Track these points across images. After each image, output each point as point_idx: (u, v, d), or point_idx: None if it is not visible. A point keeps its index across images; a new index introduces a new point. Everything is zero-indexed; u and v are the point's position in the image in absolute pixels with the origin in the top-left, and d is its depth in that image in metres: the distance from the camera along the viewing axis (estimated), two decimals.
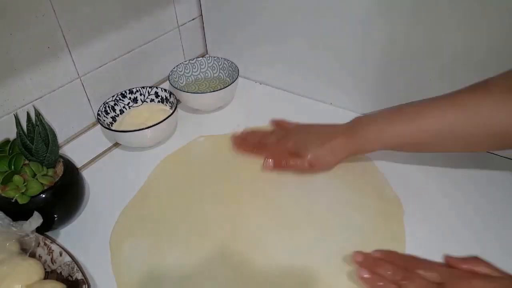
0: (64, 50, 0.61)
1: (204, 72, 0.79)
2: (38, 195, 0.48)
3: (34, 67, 0.58)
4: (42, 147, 0.49)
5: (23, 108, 0.58)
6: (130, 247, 0.51)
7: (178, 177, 0.60)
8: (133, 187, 0.59)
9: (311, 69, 0.71)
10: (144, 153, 0.65)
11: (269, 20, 0.70)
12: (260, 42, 0.75)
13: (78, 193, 0.54)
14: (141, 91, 0.70)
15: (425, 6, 0.53)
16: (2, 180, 0.47)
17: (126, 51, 0.71)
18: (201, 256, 0.49)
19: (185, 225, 0.53)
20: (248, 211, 0.54)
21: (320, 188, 0.56)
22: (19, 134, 0.48)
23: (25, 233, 0.46)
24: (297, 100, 0.75)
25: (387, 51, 0.60)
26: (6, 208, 0.47)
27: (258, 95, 0.77)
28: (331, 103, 0.72)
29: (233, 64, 0.75)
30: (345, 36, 0.63)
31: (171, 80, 0.72)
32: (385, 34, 0.59)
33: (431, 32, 0.55)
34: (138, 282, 0.47)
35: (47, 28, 0.57)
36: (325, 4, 0.62)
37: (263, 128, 0.66)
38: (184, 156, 0.64)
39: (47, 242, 0.47)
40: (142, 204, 0.56)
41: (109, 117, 0.67)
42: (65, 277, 0.45)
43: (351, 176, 0.58)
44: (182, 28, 0.81)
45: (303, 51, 0.70)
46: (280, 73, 0.76)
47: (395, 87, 0.63)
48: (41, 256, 0.47)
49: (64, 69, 0.62)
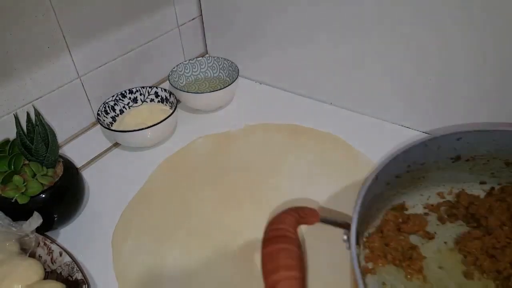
0: (64, 50, 0.61)
1: (204, 72, 0.79)
2: (38, 195, 0.48)
3: (34, 67, 0.58)
4: (42, 147, 0.49)
5: (23, 108, 0.58)
6: (131, 247, 0.51)
7: (178, 177, 0.60)
8: (133, 187, 0.59)
9: (311, 69, 0.71)
10: (144, 153, 0.65)
11: (269, 20, 0.70)
12: (260, 42, 0.75)
13: (78, 193, 0.54)
14: (141, 91, 0.70)
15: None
16: (2, 180, 0.47)
17: (126, 51, 0.71)
18: (202, 256, 0.49)
19: (185, 225, 0.53)
20: (248, 211, 0.54)
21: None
22: (19, 134, 0.48)
23: (25, 233, 0.46)
24: (297, 100, 0.75)
25: (384, 50, 0.60)
26: (6, 208, 0.47)
27: (258, 95, 0.77)
28: (331, 103, 0.72)
29: (233, 64, 0.75)
30: (345, 35, 0.63)
31: (171, 80, 0.72)
32: (384, 36, 0.59)
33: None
34: (139, 282, 0.47)
35: (47, 28, 0.57)
36: (324, 4, 0.62)
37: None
38: (184, 156, 0.64)
39: (47, 242, 0.47)
40: (142, 204, 0.56)
41: (109, 117, 0.67)
42: (65, 277, 0.45)
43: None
44: (182, 28, 0.81)
45: (303, 51, 0.70)
46: (280, 73, 0.76)
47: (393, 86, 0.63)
48: (41, 256, 0.47)
49: (64, 69, 0.62)
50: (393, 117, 0.66)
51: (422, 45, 0.56)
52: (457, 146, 0.47)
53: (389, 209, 0.49)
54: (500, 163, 0.48)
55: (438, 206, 0.50)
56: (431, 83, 0.59)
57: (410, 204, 0.50)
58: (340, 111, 0.71)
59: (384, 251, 0.45)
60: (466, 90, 0.56)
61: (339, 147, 0.63)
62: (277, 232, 0.38)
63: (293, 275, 0.34)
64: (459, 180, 0.50)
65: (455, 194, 0.50)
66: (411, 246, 0.46)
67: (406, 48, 0.58)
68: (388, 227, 0.47)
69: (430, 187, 0.51)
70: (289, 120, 0.69)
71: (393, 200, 0.50)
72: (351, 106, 0.70)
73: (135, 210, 0.56)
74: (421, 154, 0.47)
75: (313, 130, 0.67)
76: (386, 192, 0.47)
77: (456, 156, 0.48)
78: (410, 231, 0.47)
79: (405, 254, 0.45)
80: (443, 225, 0.48)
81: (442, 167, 0.49)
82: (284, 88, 0.77)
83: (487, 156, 0.48)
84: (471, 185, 0.50)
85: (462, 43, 0.53)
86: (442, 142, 0.47)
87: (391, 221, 0.47)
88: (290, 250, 0.36)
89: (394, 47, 0.59)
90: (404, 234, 0.47)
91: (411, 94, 0.62)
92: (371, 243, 0.46)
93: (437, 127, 0.62)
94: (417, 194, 0.50)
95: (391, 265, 0.45)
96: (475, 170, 0.49)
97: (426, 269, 0.44)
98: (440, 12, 0.53)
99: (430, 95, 0.60)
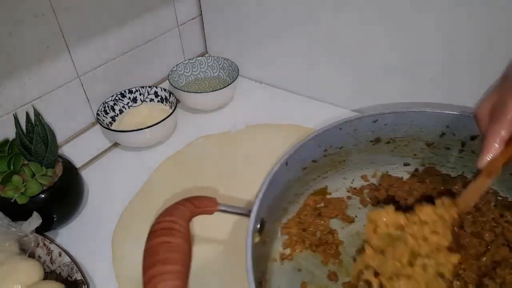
0: (64, 50, 0.61)
1: (204, 71, 0.78)
2: (37, 195, 0.48)
3: (33, 67, 0.58)
4: (41, 147, 0.49)
5: (22, 108, 0.58)
6: (131, 247, 0.51)
7: (178, 177, 0.60)
8: (132, 187, 0.59)
9: (312, 69, 0.71)
10: (143, 153, 0.65)
11: (269, 20, 0.70)
12: (260, 41, 0.74)
13: (77, 193, 0.54)
14: (141, 91, 0.70)
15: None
16: (1, 180, 0.47)
17: (125, 50, 0.71)
18: (202, 256, 0.49)
19: None
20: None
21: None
22: (18, 134, 0.48)
23: (24, 234, 0.46)
24: (297, 100, 0.75)
25: (385, 50, 0.60)
26: (5, 208, 0.47)
27: (258, 95, 0.77)
28: (331, 102, 0.72)
29: (233, 64, 0.74)
30: (345, 36, 0.63)
31: (171, 79, 0.72)
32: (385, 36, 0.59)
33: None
34: (139, 282, 0.46)
35: (47, 28, 0.57)
36: (324, 4, 0.62)
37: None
38: (184, 156, 0.64)
39: (46, 243, 0.47)
40: (142, 204, 0.56)
41: (108, 117, 0.66)
42: (64, 278, 0.45)
43: None
44: (182, 27, 0.80)
45: (303, 51, 0.69)
46: (280, 73, 0.76)
47: (395, 85, 0.63)
48: (40, 257, 0.47)
49: (63, 69, 0.62)
50: None
51: (422, 45, 0.56)
52: (375, 128, 0.46)
53: (310, 194, 0.49)
54: (421, 144, 0.47)
55: (362, 189, 0.49)
56: (432, 82, 0.59)
57: (333, 188, 0.50)
58: (340, 111, 0.71)
59: (302, 236, 0.45)
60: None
61: None
62: (162, 225, 0.37)
63: (169, 269, 0.32)
64: (383, 162, 0.50)
65: (379, 177, 0.50)
66: (329, 231, 0.46)
67: (406, 47, 0.58)
68: (306, 212, 0.47)
69: (353, 170, 0.50)
70: (289, 120, 0.69)
71: (314, 185, 0.49)
72: (351, 106, 0.70)
73: (135, 210, 0.56)
74: (337, 138, 0.46)
75: (313, 130, 0.66)
76: (303, 177, 0.47)
77: (376, 139, 0.47)
78: (330, 215, 0.47)
79: (322, 239, 0.45)
80: (365, 208, 0.48)
81: (363, 149, 0.48)
82: (284, 88, 0.77)
83: (407, 138, 0.47)
84: (395, 167, 0.50)
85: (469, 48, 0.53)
86: (358, 125, 0.46)
87: (309, 206, 0.47)
88: (172, 244, 0.34)
89: (396, 47, 0.59)
90: (324, 219, 0.46)
91: (411, 94, 0.62)
92: (288, 228, 0.45)
93: None
94: (340, 178, 0.50)
95: (308, 250, 0.45)
96: (397, 152, 0.49)
97: (343, 253, 0.44)
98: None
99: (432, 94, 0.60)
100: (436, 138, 0.47)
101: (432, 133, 0.46)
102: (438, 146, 0.47)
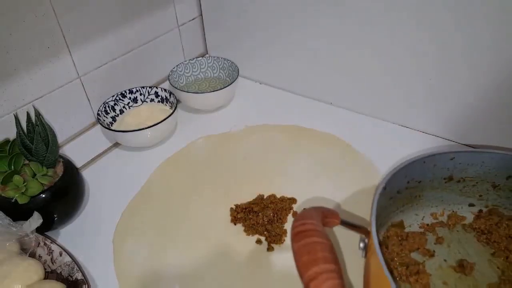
0: (64, 50, 0.61)
1: (204, 72, 0.79)
2: (38, 195, 0.48)
3: (34, 67, 0.58)
4: (42, 147, 0.49)
5: (23, 108, 0.58)
6: (131, 247, 0.51)
7: (178, 177, 0.60)
8: (133, 187, 0.59)
9: (312, 69, 0.71)
10: (144, 153, 0.65)
11: (269, 20, 0.70)
12: (260, 41, 0.75)
13: (78, 193, 0.54)
14: (141, 91, 0.70)
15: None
16: (2, 180, 0.47)
17: (126, 51, 0.71)
18: (202, 255, 0.49)
19: (186, 225, 0.53)
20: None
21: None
22: (19, 134, 0.48)
23: (25, 233, 0.46)
24: (297, 100, 0.75)
25: (384, 50, 0.60)
26: (6, 208, 0.47)
27: (258, 95, 0.77)
28: (331, 102, 0.72)
29: (233, 64, 0.75)
30: (344, 36, 0.63)
31: (171, 80, 0.72)
32: (385, 35, 0.59)
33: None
34: (139, 282, 0.47)
35: (47, 28, 0.57)
36: (324, 4, 0.62)
37: None
38: (184, 156, 0.64)
39: (47, 242, 0.47)
40: (142, 204, 0.56)
41: (109, 117, 0.67)
42: (65, 277, 0.45)
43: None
44: (182, 28, 0.81)
45: (303, 51, 0.70)
46: (280, 73, 0.76)
47: (394, 85, 0.63)
48: (41, 256, 0.47)
49: (64, 69, 0.62)
50: (393, 117, 0.66)
51: (422, 44, 0.56)
52: (450, 166, 0.47)
53: (389, 226, 0.49)
54: (488, 185, 0.48)
55: (433, 226, 0.50)
56: (431, 83, 0.59)
57: (407, 223, 0.50)
58: (340, 111, 0.71)
59: (390, 266, 0.44)
60: (464, 92, 0.57)
61: (339, 147, 0.63)
62: (308, 226, 0.37)
63: (331, 268, 0.33)
64: (451, 201, 0.50)
65: (447, 216, 0.50)
66: (415, 262, 0.45)
67: (406, 48, 0.58)
68: (393, 241, 0.46)
69: (424, 207, 0.50)
70: (289, 120, 0.69)
71: (392, 218, 0.49)
72: (351, 106, 0.70)
73: (135, 210, 0.56)
74: (419, 171, 0.47)
75: (313, 130, 0.67)
76: (388, 207, 0.47)
77: (449, 176, 0.48)
78: (411, 248, 0.47)
79: (411, 269, 0.44)
80: (441, 245, 0.48)
81: (436, 186, 0.49)
82: (284, 88, 0.77)
83: (476, 178, 0.48)
84: (461, 207, 0.51)
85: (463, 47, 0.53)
86: (437, 161, 0.47)
87: (394, 237, 0.47)
88: (326, 244, 0.35)
89: (394, 47, 0.59)
90: (405, 251, 0.46)
91: (411, 94, 0.62)
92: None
93: (436, 127, 0.63)
94: (413, 213, 0.50)
95: (397, 281, 0.44)
96: (465, 192, 0.49)
97: (432, 285, 0.44)
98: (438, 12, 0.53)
99: (430, 95, 0.60)
100: (503, 180, 0.47)
101: (499, 175, 0.47)
102: (503, 188, 0.48)
